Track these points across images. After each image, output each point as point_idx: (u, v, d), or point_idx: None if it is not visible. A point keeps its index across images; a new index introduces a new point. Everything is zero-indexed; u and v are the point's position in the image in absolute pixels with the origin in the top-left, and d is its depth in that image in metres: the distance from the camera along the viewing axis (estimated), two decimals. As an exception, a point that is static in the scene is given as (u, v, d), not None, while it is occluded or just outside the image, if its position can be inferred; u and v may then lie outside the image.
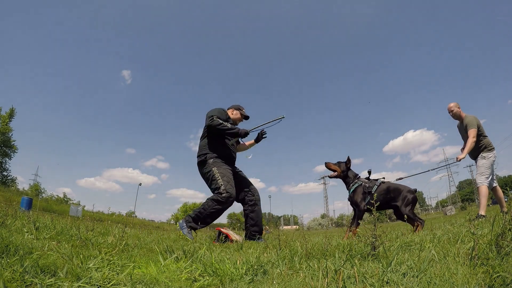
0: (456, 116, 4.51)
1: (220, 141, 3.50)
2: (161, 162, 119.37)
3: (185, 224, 3.12)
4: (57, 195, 44.86)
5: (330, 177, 3.61)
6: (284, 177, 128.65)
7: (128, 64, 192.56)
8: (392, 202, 3.29)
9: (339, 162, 3.59)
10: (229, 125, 3.36)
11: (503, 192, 4.34)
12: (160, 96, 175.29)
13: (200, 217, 3.14)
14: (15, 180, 34.78)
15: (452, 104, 4.52)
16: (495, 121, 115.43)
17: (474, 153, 4.37)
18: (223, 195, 3.18)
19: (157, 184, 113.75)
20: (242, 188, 3.53)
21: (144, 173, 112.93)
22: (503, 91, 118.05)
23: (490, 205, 18.09)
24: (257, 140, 3.83)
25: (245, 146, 3.94)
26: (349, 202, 3.45)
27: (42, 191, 42.31)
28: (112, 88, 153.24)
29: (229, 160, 3.53)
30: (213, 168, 3.34)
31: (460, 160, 4.20)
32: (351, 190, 3.39)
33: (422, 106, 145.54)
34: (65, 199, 45.48)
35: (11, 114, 33.13)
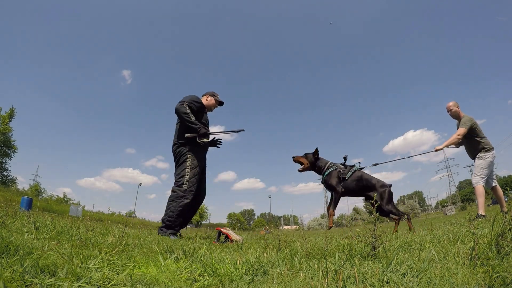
0: (455, 115, 4.51)
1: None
2: (161, 162, 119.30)
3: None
4: (57, 195, 44.81)
5: (300, 171, 3.49)
6: (284, 177, 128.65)
7: (128, 64, 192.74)
8: (364, 192, 3.28)
9: (306, 154, 3.51)
10: (193, 119, 3.30)
11: (503, 192, 4.34)
12: (160, 96, 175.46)
13: (172, 221, 3.11)
14: (15, 180, 34.75)
15: (450, 103, 4.52)
16: (495, 121, 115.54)
17: (473, 153, 4.37)
18: (184, 188, 3.17)
19: (157, 184, 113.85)
20: (200, 184, 3.50)
21: (144, 173, 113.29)
22: (503, 91, 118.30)
23: (490, 205, 18.09)
24: (211, 144, 3.68)
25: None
26: (325, 187, 3.38)
27: (42, 191, 42.29)
28: (112, 88, 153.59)
29: (206, 150, 3.53)
30: (188, 155, 3.28)
31: (436, 150, 4.25)
32: (326, 173, 3.32)
33: (422, 106, 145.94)
34: (65, 199, 45.39)
35: (11, 114, 33.08)
